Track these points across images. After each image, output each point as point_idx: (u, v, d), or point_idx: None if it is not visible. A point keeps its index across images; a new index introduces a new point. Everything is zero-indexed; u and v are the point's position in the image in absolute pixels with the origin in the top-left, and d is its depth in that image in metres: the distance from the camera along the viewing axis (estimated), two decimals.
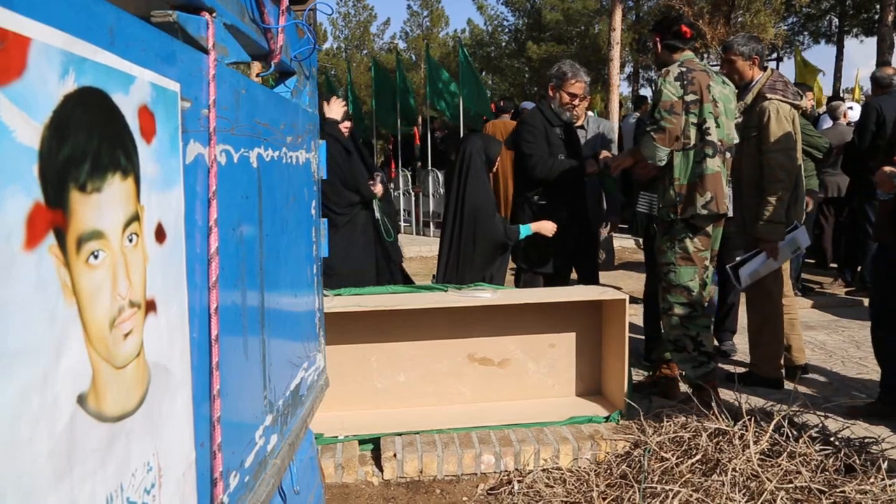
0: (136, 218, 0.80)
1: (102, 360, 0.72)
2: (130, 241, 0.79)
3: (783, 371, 3.76)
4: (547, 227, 3.75)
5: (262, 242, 1.31)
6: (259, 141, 1.30)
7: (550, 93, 3.95)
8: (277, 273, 1.43)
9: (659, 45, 3.36)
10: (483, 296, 3.13)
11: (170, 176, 0.90)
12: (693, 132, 3.22)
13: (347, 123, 3.80)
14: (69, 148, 0.66)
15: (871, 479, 2.32)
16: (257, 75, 1.70)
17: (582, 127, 4.35)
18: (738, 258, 3.62)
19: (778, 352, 3.74)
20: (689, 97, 3.19)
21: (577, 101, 3.88)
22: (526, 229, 3.72)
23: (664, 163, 3.22)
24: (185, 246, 0.94)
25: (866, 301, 5.41)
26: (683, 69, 3.22)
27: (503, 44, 28.66)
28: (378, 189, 3.81)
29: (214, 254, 1.03)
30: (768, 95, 3.53)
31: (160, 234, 0.87)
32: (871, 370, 3.92)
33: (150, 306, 0.84)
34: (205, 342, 1.01)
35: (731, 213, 3.44)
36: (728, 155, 3.32)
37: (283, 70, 1.65)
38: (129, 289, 0.78)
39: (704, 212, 3.22)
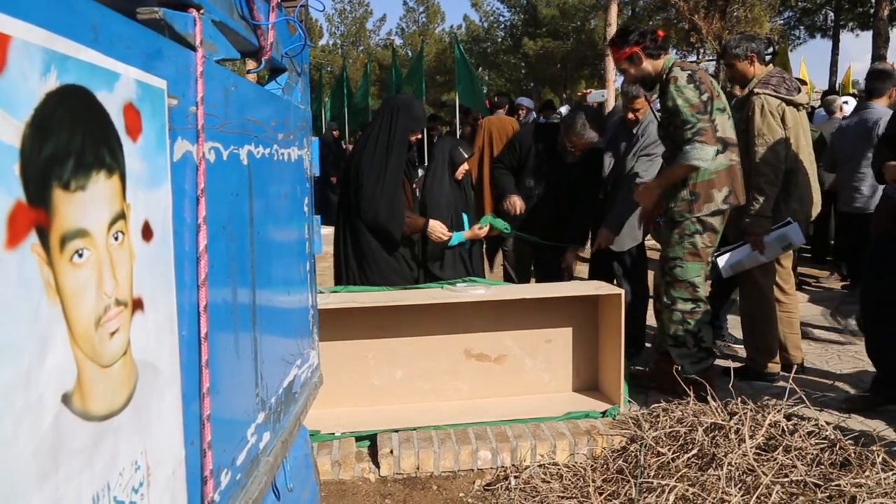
0: (121, 216, 0.80)
1: (88, 358, 0.72)
2: (116, 239, 0.79)
3: (779, 365, 3.76)
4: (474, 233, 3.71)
5: (253, 240, 1.31)
6: (249, 138, 1.29)
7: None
8: (269, 270, 1.43)
9: (641, 57, 3.27)
10: (478, 292, 3.13)
11: (157, 174, 0.89)
12: None
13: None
14: (52, 146, 0.66)
15: (867, 473, 2.33)
16: (248, 72, 1.69)
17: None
18: (723, 248, 3.64)
19: (773, 346, 3.74)
20: (704, 96, 3.17)
21: (577, 152, 3.85)
22: (458, 236, 3.61)
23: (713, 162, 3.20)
24: (173, 244, 0.94)
25: None
26: (688, 72, 3.20)
27: (499, 39, 28.64)
28: None
29: (203, 251, 1.02)
30: (756, 90, 3.52)
31: (147, 232, 0.86)
32: (867, 364, 3.92)
33: (137, 304, 0.83)
34: (194, 340, 1.01)
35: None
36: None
37: (275, 66, 1.64)
38: (115, 287, 0.78)
39: (725, 206, 3.23)
